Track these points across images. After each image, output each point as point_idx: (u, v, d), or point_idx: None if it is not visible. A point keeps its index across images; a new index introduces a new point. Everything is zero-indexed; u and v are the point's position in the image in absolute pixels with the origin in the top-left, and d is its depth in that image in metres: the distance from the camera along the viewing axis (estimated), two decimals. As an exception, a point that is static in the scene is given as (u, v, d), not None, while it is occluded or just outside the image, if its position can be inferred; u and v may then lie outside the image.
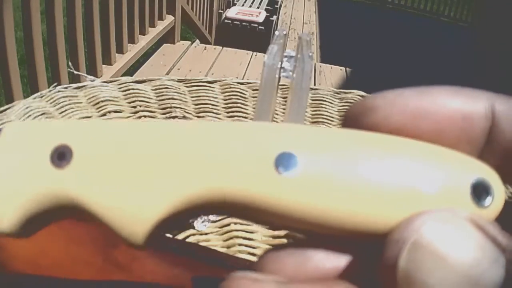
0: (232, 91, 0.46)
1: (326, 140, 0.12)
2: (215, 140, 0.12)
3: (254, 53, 2.21)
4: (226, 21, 2.88)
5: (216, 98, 0.45)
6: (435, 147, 0.12)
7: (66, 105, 0.38)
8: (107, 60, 1.58)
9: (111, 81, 0.43)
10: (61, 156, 0.12)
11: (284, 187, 0.11)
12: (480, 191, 0.11)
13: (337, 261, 0.11)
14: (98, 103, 0.40)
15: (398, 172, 0.11)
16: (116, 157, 0.12)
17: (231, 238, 0.38)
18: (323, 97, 0.48)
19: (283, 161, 0.11)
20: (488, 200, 0.11)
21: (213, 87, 0.46)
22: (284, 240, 0.39)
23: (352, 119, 0.13)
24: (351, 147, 0.12)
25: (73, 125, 0.13)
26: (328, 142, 0.12)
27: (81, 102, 0.40)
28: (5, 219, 0.12)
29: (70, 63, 1.32)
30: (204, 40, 2.61)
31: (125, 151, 0.12)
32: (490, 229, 0.10)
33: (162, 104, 0.43)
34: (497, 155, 0.12)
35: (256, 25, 2.85)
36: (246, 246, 0.38)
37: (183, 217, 0.12)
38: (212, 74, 1.96)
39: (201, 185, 0.11)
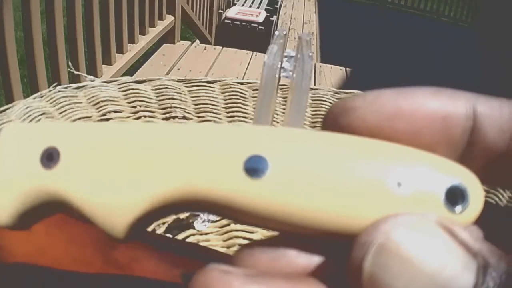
0: (232, 91, 0.46)
1: (296, 142, 0.12)
2: (190, 141, 0.13)
3: (254, 53, 2.21)
4: (226, 21, 2.88)
5: (216, 98, 0.45)
6: (410, 149, 0.12)
7: (66, 105, 0.38)
8: (107, 60, 1.58)
9: (111, 81, 0.43)
10: (49, 157, 0.13)
11: (251, 188, 0.12)
12: (455, 196, 0.11)
13: (309, 259, 0.12)
14: (98, 103, 0.40)
15: (369, 174, 0.11)
16: (99, 158, 0.13)
17: (231, 238, 0.38)
18: (323, 97, 0.48)
19: (252, 163, 0.12)
20: (462, 206, 0.11)
21: (213, 87, 0.46)
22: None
23: (330, 120, 0.13)
24: (322, 148, 0.12)
25: (61, 127, 0.14)
26: (299, 144, 0.12)
27: (81, 102, 0.40)
28: (3, 213, 0.13)
29: (70, 63, 1.32)
30: (204, 40, 2.61)
31: (107, 152, 0.13)
32: (461, 234, 0.10)
33: (162, 104, 0.43)
34: (479, 157, 0.12)
35: (256, 25, 2.85)
36: (246, 246, 0.38)
37: (162, 213, 0.13)
38: (212, 74, 1.96)
39: (175, 183, 0.12)
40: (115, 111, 0.41)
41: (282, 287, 0.11)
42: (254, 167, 0.12)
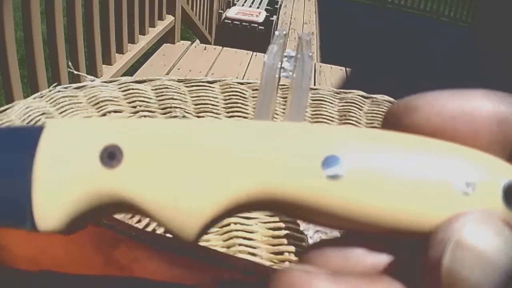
0: (232, 91, 0.46)
1: (369, 142, 0.12)
2: (265, 139, 0.12)
3: (254, 53, 2.21)
4: (226, 21, 2.88)
5: (216, 98, 0.45)
6: (472, 150, 0.13)
7: (66, 105, 0.38)
8: (107, 60, 1.58)
9: (111, 81, 0.43)
10: (111, 156, 0.12)
11: (329, 188, 0.12)
12: (511, 193, 0.12)
13: (377, 258, 0.12)
14: (98, 103, 0.40)
15: (437, 173, 0.12)
16: (166, 156, 0.12)
17: (231, 238, 0.38)
18: (323, 97, 0.48)
19: (330, 163, 0.12)
20: None
21: (213, 87, 0.46)
22: (285, 240, 0.39)
23: (392, 118, 0.13)
24: (393, 148, 0.12)
25: (122, 124, 0.13)
26: (372, 144, 0.12)
27: (81, 102, 0.40)
28: (52, 217, 0.12)
29: (70, 63, 1.32)
30: (204, 40, 2.61)
31: (176, 150, 0.12)
32: None
33: (162, 104, 0.43)
34: None
35: (256, 25, 2.84)
36: (246, 246, 0.38)
37: (233, 213, 0.13)
38: (212, 74, 1.96)
39: (251, 184, 0.12)
40: (115, 111, 0.41)
41: (362, 286, 0.11)
42: (331, 167, 0.12)
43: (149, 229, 0.37)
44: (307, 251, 0.13)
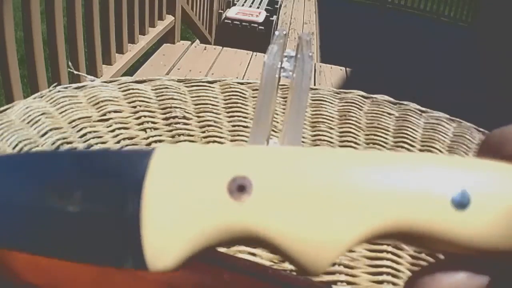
0: (232, 91, 0.46)
1: (495, 175, 0.13)
2: (393, 171, 0.12)
3: (254, 53, 2.21)
4: (226, 21, 2.88)
5: (216, 98, 0.45)
6: None
7: (66, 105, 0.38)
8: (107, 60, 1.58)
9: (111, 81, 0.43)
10: (240, 188, 0.11)
11: (457, 220, 0.12)
12: None
13: (481, 280, 0.13)
14: (98, 103, 0.40)
15: None
16: (295, 188, 0.12)
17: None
18: (323, 97, 0.48)
19: (459, 197, 0.12)
20: None
21: (213, 87, 0.46)
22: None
23: (491, 148, 0.14)
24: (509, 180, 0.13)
25: (248, 153, 0.12)
26: (497, 177, 0.13)
27: (81, 102, 0.40)
28: (168, 255, 0.11)
29: (70, 63, 1.32)
30: (204, 40, 2.61)
31: (304, 182, 0.12)
32: None
33: (162, 104, 0.43)
34: None
35: (256, 25, 2.84)
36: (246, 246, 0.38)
37: (356, 246, 0.12)
38: (212, 74, 1.96)
39: (383, 218, 0.12)
40: (115, 111, 0.41)
41: None
42: (460, 201, 0.12)
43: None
44: (417, 275, 0.13)
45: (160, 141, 0.42)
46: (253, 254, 0.37)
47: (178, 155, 0.12)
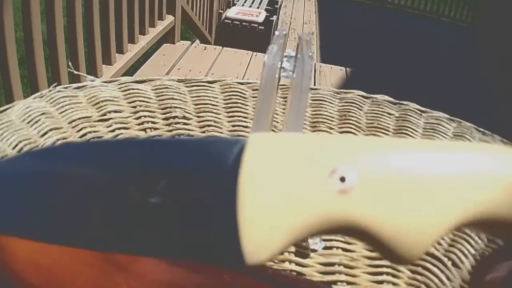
0: (232, 91, 0.46)
1: None
2: (480, 160, 0.13)
3: (254, 53, 2.21)
4: (226, 21, 2.88)
5: (216, 98, 0.45)
6: None
7: (66, 105, 0.38)
8: (107, 60, 1.58)
9: (111, 81, 0.43)
10: (344, 179, 0.11)
11: None
12: None
13: None
14: (98, 103, 0.40)
15: None
16: (396, 179, 0.12)
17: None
18: (323, 97, 0.48)
19: None
20: None
21: (213, 87, 0.46)
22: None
23: None
24: None
25: (350, 144, 0.12)
26: None
27: (81, 102, 0.40)
28: (267, 247, 0.11)
29: (70, 63, 1.32)
30: (204, 40, 2.61)
31: (404, 172, 0.12)
32: None
33: (162, 104, 0.43)
34: None
35: (256, 25, 2.84)
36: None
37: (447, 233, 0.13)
38: (212, 74, 1.96)
39: (474, 204, 0.12)
40: (115, 111, 0.41)
41: None
42: None
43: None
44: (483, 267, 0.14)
45: (160, 141, 0.42)
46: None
47: (273, 144, 0.11)
